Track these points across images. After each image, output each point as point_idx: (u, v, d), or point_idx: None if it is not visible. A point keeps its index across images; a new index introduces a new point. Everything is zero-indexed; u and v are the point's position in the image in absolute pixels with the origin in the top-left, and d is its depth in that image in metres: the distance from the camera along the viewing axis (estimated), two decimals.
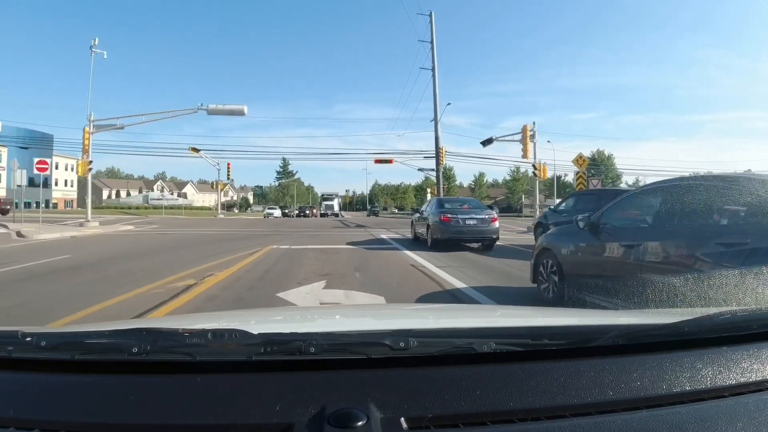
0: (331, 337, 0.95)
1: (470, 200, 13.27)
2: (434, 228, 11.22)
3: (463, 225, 10.97)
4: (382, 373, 0.85)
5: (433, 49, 44.66)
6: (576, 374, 0.85)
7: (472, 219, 11.08)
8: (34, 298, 5.28)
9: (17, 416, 0.76)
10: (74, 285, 6.09)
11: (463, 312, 2.29)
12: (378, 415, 0.74)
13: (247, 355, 0.87)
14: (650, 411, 0.78)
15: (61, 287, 5.93)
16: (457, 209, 11.64)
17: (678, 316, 1.07)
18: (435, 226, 11.19)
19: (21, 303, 4.97)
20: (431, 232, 11.31)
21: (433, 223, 11.31)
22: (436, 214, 11.34)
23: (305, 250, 10.94)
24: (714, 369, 0.88)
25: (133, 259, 8.95)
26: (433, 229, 11.24)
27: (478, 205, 12.29)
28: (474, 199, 13.82)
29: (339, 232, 19.13)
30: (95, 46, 23.73)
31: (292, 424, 0.73)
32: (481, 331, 1.08)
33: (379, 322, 1.64)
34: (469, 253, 10.70)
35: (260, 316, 1.94)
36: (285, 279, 6.53)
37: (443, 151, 42.17)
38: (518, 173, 70.35)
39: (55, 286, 5.98)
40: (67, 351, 0.89)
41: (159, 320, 2.78)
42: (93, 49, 23.75)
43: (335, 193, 66.00)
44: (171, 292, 5.39)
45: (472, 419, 0.76)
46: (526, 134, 22.82)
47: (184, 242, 13.14)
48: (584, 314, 1.97)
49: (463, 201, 12.94)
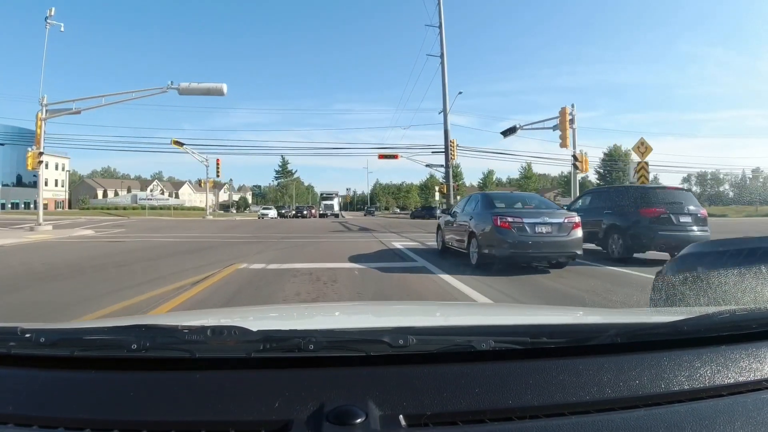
0: (331, 335, 0.93)
1: (531, 196, 9.32)
2: (485, 238, 7.33)
3: (533, 234, 7.08)
4: (381, 370, 0.84)
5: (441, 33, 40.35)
6: (575, 372, 0.84)
7: (546, 225, 7.18)
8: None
9: (16, 412, 0.76)
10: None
11: (462, 310, 2.27)
12: (377, 413, 0.73)
13: (247, 352, 0.85)
14: (649, 409, 0.77)
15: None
16: (520, 210, 7.75)
17: (677, 315, 1.07)
18: (486, 235, 7.31)
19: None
20: (480, 244, 7.43)
21: (483, 230, 7.43)
22: (487, 217, 7.45)
23: (287, 272, 7.07)
24: (712, 368, 0.87)
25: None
26: (484, 240, 7.36)
27: (546, 204, 8.34)
28: (535, 195, 9.76)
29: (339, 238, 15.15)
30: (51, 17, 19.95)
31: (291, 421, 0.72)
32: (480, 329, 1.04)
33: (378, 319, 1.62)
34: (538, 276, 6.85)
35: (260, 313, 1.93)
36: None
37: (454, 145, 38.27)
38: (530, 171, 66.29)
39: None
40: (66, 347, 0.87)
41: (158, 317, 2.65)
42: (48, 20, 19.94)
43: (335, 192, 61.71)
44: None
45: (470, 417, 0.75)
46: (565, 118, 18.86)
47: (121, 258, 9.26)
48: (582, 312, 1.93)
49: (521, 197, 8.94)
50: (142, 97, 18.51)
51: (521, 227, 7.07)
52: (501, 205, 7.82)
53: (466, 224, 8.15)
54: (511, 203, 8.20)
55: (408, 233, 17.35)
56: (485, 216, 7.54)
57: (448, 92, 40.04)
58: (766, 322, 0.99)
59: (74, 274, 6.99)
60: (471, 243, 7.79)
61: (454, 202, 40.56)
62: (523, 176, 66.40)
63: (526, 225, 7.10)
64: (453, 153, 37.88)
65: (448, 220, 9.59)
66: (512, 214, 7.28)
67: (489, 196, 8.44)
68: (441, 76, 40.57)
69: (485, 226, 7.39)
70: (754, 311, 1.10)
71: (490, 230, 7.22)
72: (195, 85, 17.75)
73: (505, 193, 10.27)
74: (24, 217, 32.04)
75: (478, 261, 7.44)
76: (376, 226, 22.58)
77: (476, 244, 7.58)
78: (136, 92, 18.56)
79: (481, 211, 7.89)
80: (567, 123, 18.80)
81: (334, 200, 57.05)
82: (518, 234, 7.02)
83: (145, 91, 18.47)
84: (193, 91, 17.86)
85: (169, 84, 17.91)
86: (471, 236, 7.82)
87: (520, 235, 7.01)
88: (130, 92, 18.61)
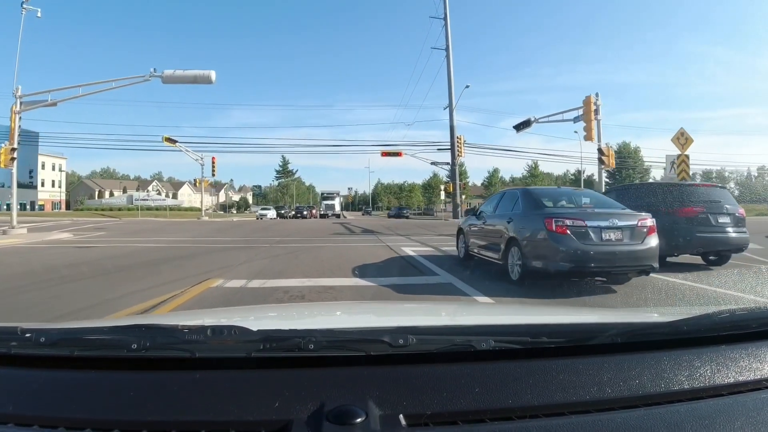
0: (331, 334, 0.93)
1: (582, 192, 7.47)
2: (533, 247, 5.57)
3: (600, 242, 5.32)
4: (381, 370, 0.84)
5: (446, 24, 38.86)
6: (575, 372, 0.84)
7: (615, 229, 5.41)
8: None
9: (17, 412, 0.75)
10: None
11: (462, 309, 2.24)
12: (377, 412, 0.73)
13: (247, 351, 0.84)
14: (648, 409, 0.77)
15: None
16: (580, 210, 5.97)
17: (677, 314, 1.06)
18: (535, 243, 5.54)
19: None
20: (524, 255, 5.65)
21: (529, 237, 5.66)
22: (535, 219, 5.69)
23: (271, 294, 5.32)
24: (712, 367, 0.87)
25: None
26: (531, 249, 5.59)
27: (607, 201, 6.54)
28: (588, 190, 7.92)
29: (340, 242, 13.37)
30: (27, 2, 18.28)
31: (291, 421, 0.72)
32: (480, 329, 1.03)
33: (378, 319, 1.61)
34: (606, 297, 5.10)
35: (260, 312, 1.92)
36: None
37: (461, 141, 36.48)
38: (536, 169, 64.34)
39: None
40: (66, 347, 0.87)
41: (159, 317, 2.60)
42: (24, 5, 18.26)
43: (336, 191, 59.53)
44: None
45: (470, 416, 0.75)
46: (590, 108, 17.10)
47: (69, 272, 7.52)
48: (583, 312, 1.94)
49: (570, 194, 7.09)
50: (122, 87, 16.81)
51: (583, 233, 5.31)
52: (552, 204, 6.04)
53: (502, 228, 6.38)
54: (566, 201, 6.41)
55: (416, 236, 15.58)
56: (532, 218, 5.77)
57: (453, 86, 38.46)
58: (766, 321, 0.98)
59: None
60: (510, 252, 6.02)
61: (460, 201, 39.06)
62: (531, 174, 64.36)
63: (590, 230, 5.34)
64: (460, 150, 36.08)
65: (474, 223, 7.83)
66: (571, 215, 5.50)
67: (533, 192, 6.60)
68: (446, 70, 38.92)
69: (533, 231, 5.62)
70: (753, 311, 1.10)
71: (541, 237, 5.45)
72: (180, 73, 16.02)
73: (549, 189, 8.44)
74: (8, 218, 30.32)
75: (521, 276, 5.68)
76: (380, 228, 20.80)
77: (518, 254, 5.81)
78: (116, 81, 16.82)
79: (525, 211, 6.11)
80: (592, 113, 17.05)
81: (335, 200, 55.02)
82: (580, 242, 5.25)
83: (126, 80, 16.77)
84: (179, 80, 16.15)
85: (152, 71, 16.19)
86: (510, 244, 6.05)
87: (582, 244, 5.25)
88: (109, 81, 16.87)
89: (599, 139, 17.27)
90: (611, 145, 18.07)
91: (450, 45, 39.47)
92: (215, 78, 15.93)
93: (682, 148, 14.04)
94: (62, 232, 17.65)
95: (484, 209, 7.78)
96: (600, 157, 17.09)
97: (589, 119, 16.98)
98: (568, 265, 5.22)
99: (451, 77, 37.85)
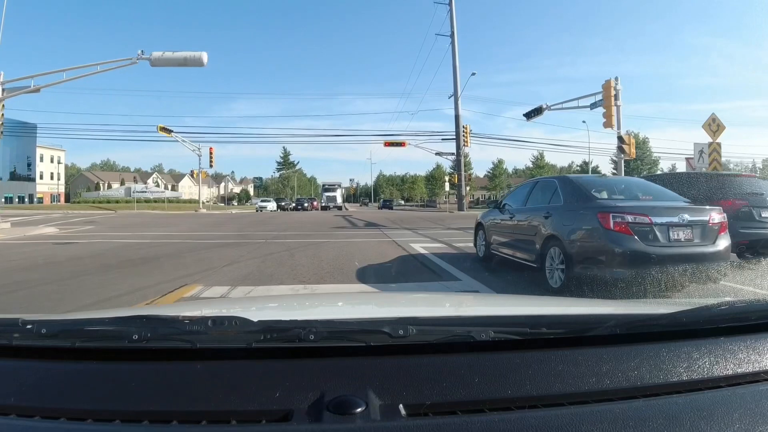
0: (331, 325, 0.93)
1: (633, 181, 6.33)
2: (584, 248, 4.51)
3: (668, 243, 4.27)
4: (381, 360, 0.83)
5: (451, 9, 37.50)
6: (573, 363, 0.83)
7: (684, 227, 4.35)
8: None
9: (18, 403, 0.75)
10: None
11: (462, 300, 2.22)
12: (377, 402, 0.73)
13: (247, 342, 0.84)
14: (647, 400, 0.77)
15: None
16: (641, 203, 4.84)
17: (676, 306, 1.07)
18: (588, 243, 4.48)
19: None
20: (570, 257, 4.56)
21: (578, 235, 4.60)
22: (585, 214, 4.62)
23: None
24: (711, 359, 0.86)
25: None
26: (581, 251, 4.52)
27: (665, 194, 5.39)
28: (637, 179, 6.77)
29: (343, 238, 12.31)
30: None
31: (292, 411, 0.72)
32: (479, 320, 1.04)
33: (378, 309, 1.60)
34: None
35: (261, 303, 1.91)
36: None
37: (467, 131, 35.22)
38: (542, 160, 62.93)
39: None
40: (67, 338, 0.87)
41: (159, 308, 2.56)
42: None
43: (338, 182, 58.11)
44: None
45: (470, 407, 0.75)
46: (610, 93, 15.92)
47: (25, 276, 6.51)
48: (582, 303, 1.91)
49: (620, 183, 5.97)
50: (108, 70, 15.67)
51: (648, 232, 4.24)
52: (605, 196, 4.96)
53: (537, 225, 5.31)
54: (609, 191, 5.31)
55: (423, 230, 14.53)
56: (580, 212, 4.70)
57: (459, 74, 37.09)
58: (765, 314, 0.98)
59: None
60: (548, 254, 4.96)
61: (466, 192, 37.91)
62: (536, 165, 62.92)
63: (656, 228, 4.27)
64: (466, 139, 34.81)
65: (497, 218, 6.76)
66: (632, 209, 4.41)
67: (578, 180, 5.45)
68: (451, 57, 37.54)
69: (582, 228, 4.56)
70: (752, 303, 1.10)
71: (593, 237, 4.39)
72: (170, 55, 14.86)
73: (592, 177, 7.35)
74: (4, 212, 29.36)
75: (564, 283, 4.62)
76: (384, 221, 19.72)
77: (560, 256, 4.74)
78: (101, 64, 15.70)
79: (568, 203, 5.03)
80: (612, 99, 15.89)
81: (336, 192, 53.68)
82: (645, 243, 4.19)
83: (113, 63, 15.62)
84: (168, 62, 14.98)
85: (140, 54, 15.05)
86: (549, 244, 4.98)
87: (648, 246, 4.18)
88: (95, 65, 15.75)
89: (619, 126, 16.12)
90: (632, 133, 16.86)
91: (455, 31, 38.03)
92: (207, 60, 14.78)
93: (714, 135, 12.89)
94: (48, 226, 16.62)
95: (509, 202, 6.70)
96: (620, 146, 15.93)
97: (609, 105, 15.82)
98: (630, 272, 4.17)
99: (457, 64, 36.51)
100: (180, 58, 14.87)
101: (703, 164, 13.35)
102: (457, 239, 10.79)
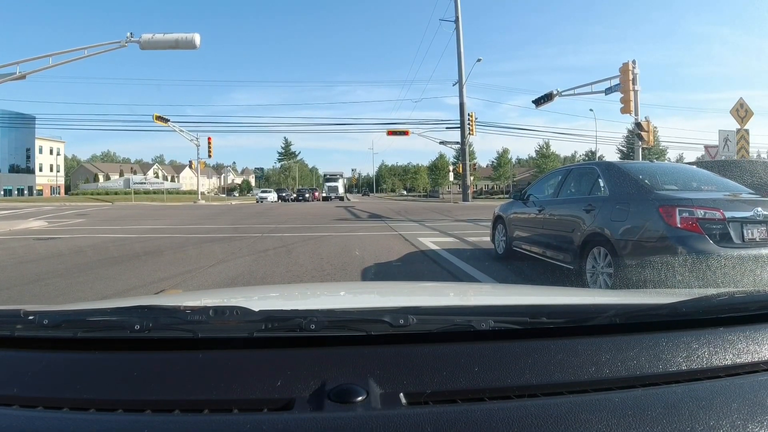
0: (332, 314, 0.93)
1: (686, 169, 5.49)
2: (639, 249, 3.68)
3: (743, 243, 3.47)
4: (382, 349, 0.83)
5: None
6: (573, 352, 0.83)
7: (759, 224, 3.55)
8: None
9: (21, 394, 0.75)
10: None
11: (462, 290, 2.24)
12: (377, 391, 0.73)
13: (248, 331, 0.84)
14: (646, 389, 0.77)
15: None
16: (711, 196, 3.96)
17: (676, 296, 1.04)
18: (644, 244, 3.67)
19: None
20: (621, 259, 3.78)
21: (633, 232, 3.78)
22: (640, 208, 3.82)
23: None
24: (710, 349, 0.85)
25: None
26: (635, 253, 3.71)
27: (731, 186, 4.45)
28: (690, 167, 5.89)
29: (345, 231, 11.51)
30: None
31: (293, 400, 0.72)
32: (480, 309, 1.03)
33: (380, 299, 1.60)
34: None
35: (262, 292, 1.92)
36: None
37: (473, 118, 34.22)
38: (548, 149, 61.79)
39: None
40: (69, 329, 0.87)
41: (161, 298, 2.57)
42: None
43: (340, 172, 57.12)
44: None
45: (470, 395, 0.75)
46: (628, 77, 14.98)
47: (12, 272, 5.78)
48: (582, 293, 1.90)
49: (673, 171, 5.14)
50: (96, 54, 14.92)
51: (721, 230, 3.45)
52: (669, 186, 4.11)
53: (575, 219, 4.52)
54: (680, 181, 4.43)
55: (430, 221, 13.75)
56: (636, 205, 3.88)
57: (464, 60, 35.97)
58: (765, 304, 0.97)
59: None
60: (591, 254, 4.17)
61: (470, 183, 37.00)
62: (541, 155, 61.77)
63: (730, 225, 3.47)
64: (471, 128, 33.73)
65: (521, 211, 5.96)
66: (701, 202, 3.60)
67: (625, 168, 4.57)
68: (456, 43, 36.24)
69: (639, 225, 3.75)
70: (753, 294, 1.10)
71: (653, 234, 3.60)
72: (160, 37, 14.03)
73: (639, 163, 6.53)
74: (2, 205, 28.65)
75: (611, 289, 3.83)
76: (388, 212, 18.92)
77: (607, 257, 3.95)
78: (89, 48, 14.88)
79: (616, 194, 4.20)
80: (630, 83, 14.96)
81: (338, 182, 52.76)
82: (718, 245, 3.39)
83: (100, 47, 14.84)
84: (158, 45, 14.16)
85: (129, 36, 14.26)
86: (591, 242, 4.19)
87: (721, 247, 3.39)
88: (82, 49, 14.92)
89: (637, 112, 15.21)
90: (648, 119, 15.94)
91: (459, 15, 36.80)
92: (200, 42, 13.94)
93: (742, 121, 11.99)
94: (37, 219, 15.90)
95: (534, 192, 5.90)
96: (638, 133, 15.04)
97: (627, 89, 14.90)
98: (696, 279, 3.38)
99: (461, 50, 35.33)
100: (171, 41, 14.03)
101: (728, 153, 12.47)
102: (468, 233, 10.01)
